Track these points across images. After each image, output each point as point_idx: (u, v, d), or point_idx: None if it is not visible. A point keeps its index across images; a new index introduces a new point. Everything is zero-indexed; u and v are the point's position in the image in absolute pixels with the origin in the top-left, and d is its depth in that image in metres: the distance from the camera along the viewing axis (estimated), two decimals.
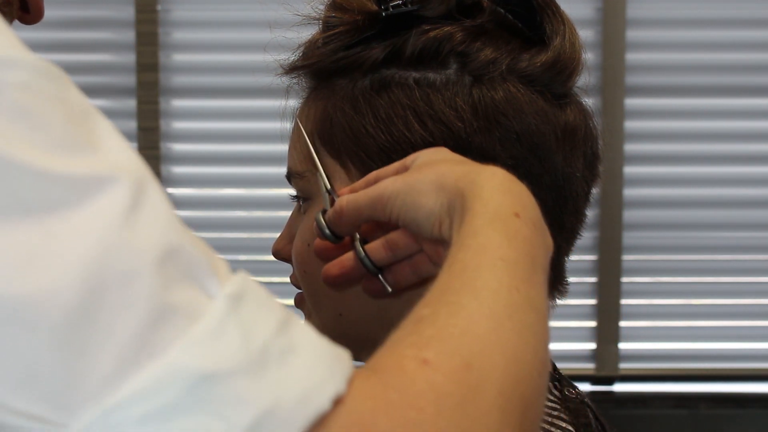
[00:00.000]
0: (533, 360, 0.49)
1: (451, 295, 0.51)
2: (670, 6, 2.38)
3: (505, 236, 0.54)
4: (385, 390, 0.44)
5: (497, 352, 0.48)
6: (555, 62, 0.73)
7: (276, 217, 2.34)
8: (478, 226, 0.55)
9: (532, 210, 0.57)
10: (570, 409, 0.73)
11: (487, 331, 0.48)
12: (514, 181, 0.59)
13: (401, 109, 0.71)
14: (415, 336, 0.48)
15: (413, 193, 0.60)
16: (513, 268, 0.53)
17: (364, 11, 0.73)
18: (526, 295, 0.52)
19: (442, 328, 0.48)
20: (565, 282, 0.77)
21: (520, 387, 0.47)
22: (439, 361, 0.46)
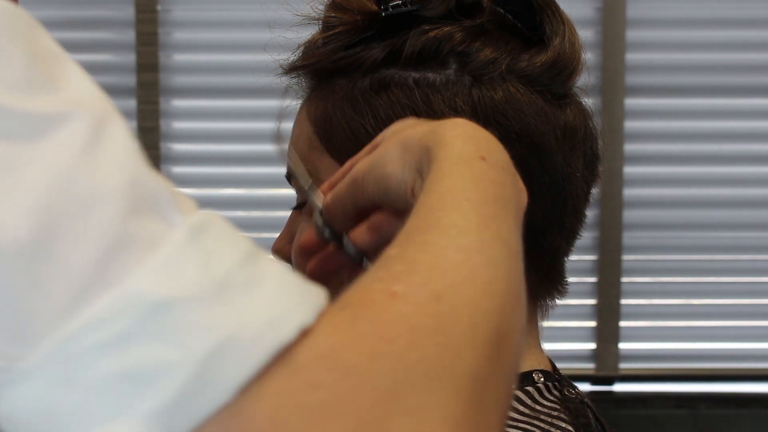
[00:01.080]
0: (505, 293, 0.48)
1: (419, 234, 0.50)
2: (670, 6, 2.38)
3: (471, 179, 0.53)
4: (354, 322, 0.43)
5: (468, 284, 0.47)
6: (555, 62, 0.73)
7: (276, 217, 2.33)
8: (443, 171, 0.54)
9: (499, 154, 0.57)
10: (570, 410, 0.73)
11: (456, 264, 0.47)
12: (478, 128, 0.58)
13: (401, 109, 0.71)
14: (383, 271, 0.47)
15: (380, 165, 0.59)
16: (480, 207, 0.52)
17: (364, 11, 0.73)
18: (495, 231, 0.51)
19: (410, 263, 0.47)
20: (565, 282, 0.77)
21: (493, 319, 0.46)
22: (409, 293, 0.45)
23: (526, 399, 0.72)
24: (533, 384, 0.73)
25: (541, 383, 0.74)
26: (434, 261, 0.47)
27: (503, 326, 0.47)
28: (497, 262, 0.49)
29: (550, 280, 0.76)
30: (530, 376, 0.74)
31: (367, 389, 0.41)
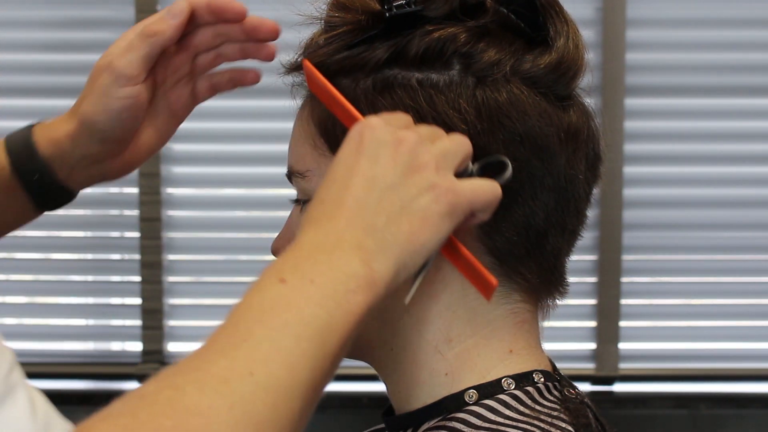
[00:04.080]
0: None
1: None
2: (670, 6, 2.38)
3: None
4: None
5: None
6: (558, 63, 0.73)
7: (276, 217, 2.33)
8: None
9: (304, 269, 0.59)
10: (570, 410, 0.73)
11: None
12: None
13: (404, 110, 0.71)
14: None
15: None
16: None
17: (368, 11, 0.73)
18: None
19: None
20: (566, 282, 0.77)
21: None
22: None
23: (526, 399, 0.72)
24: (533, 384, 0.73)
25: (542, 383, 0.74)
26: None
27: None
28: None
29: (551, 281, 0.76)
30: (530, 376, 0.74)
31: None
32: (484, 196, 0.65)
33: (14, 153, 0.83)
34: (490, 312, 0.74)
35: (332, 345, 0.57)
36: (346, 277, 0.58)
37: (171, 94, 0.83)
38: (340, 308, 0.57)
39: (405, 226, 0.61)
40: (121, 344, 2.52)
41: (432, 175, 0.63)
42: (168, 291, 2.44)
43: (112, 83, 0.79)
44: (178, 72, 0.82)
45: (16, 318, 2.50)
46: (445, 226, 0.63)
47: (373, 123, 0.64)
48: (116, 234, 2.46)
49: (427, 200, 0.62)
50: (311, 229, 0.61)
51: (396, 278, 0.61)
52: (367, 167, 0.62)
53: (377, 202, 0.61)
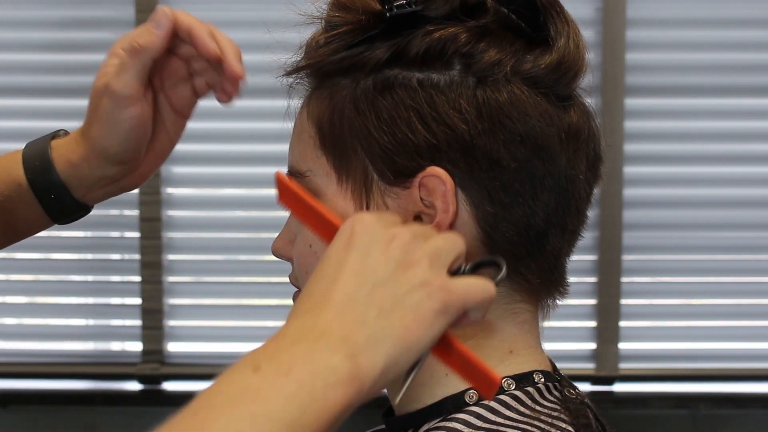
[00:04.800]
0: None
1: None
2: (670, 6, 2.38)
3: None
4: None
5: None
6: (559, 64, 0.73)
7: (276, 217, 2.33)
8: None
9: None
10: (570, 410, 0.73)
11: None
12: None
13: (404, 110, 0.70)
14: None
15: None
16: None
17: (368, 11, 0.73)
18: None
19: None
20: (566, 282, 0.77)
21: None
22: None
23: (527, 399, 0.72)
24: (534, 384, 0.73)
25: (542, 384, 0.74)
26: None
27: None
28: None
29: (551, 281, 0.76)
30: (531, 376, 0.74)
31: None
32: (478, 295, 0.62)
33: (31, 170, 0.83)
34: (490, 312, 0.74)
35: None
36: (326, 371, 0.55)
37: (172, 95, 0.83)
38: (315, 403, 0.54)
39: (397, 321, 0.58)
40: (121, 344, 2.52)
41: (425, 272, 0.60)
42: (168, 291, 2.44)
43: (114, 107, 0.79)
44: (175, 74, 0.83)
45: (16, 318, 2.50)
46: (438, 323, 0.60)
47: (364, 218, 0.62)
48: (116, 234, 2.46)
49: (419, 297, 0.59)
50: (297, 320, 0.59)
51: (384, 375, 0.58)
52: (357, 262, 0.60)
53: (368, 296, 0.59)
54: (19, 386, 2.47)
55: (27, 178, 0.83)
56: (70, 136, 0.84)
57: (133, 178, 0.85)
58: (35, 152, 0.84)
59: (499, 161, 0.70)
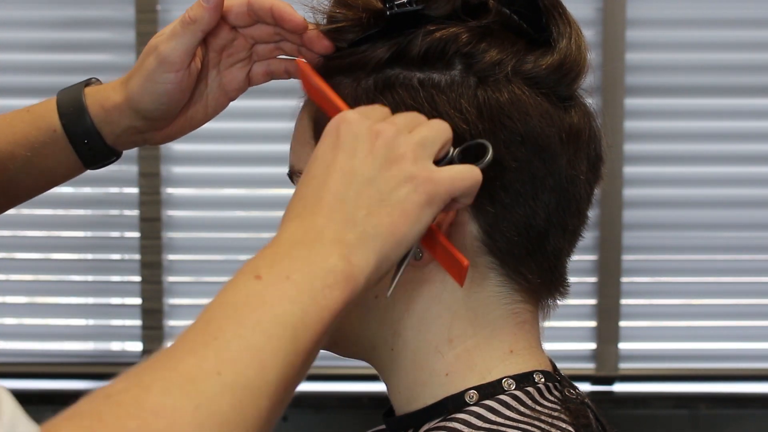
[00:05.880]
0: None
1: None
2: (670, 6, 2.38)
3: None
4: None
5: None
6: (561, 65, 0.73)
7: (276, 217, 2.32)
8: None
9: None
10: (570, 410, 0.73)
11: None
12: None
13: (405, 109, 0.70)
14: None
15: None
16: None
17: (369, 9, 0.73)
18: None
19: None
20: (566, 283, 0.77)
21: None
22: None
23: (527, 399, 0.72)
24: (534, 384, 0.73)
25: (542, 384, 0.74)
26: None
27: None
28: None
29: (552, 281, 0.76)
30: (531, 376, 0.74)
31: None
32: (463, 182, 0.64)
33: (65, 116, 0.85)
34: (490, 312, 0.74)
35: (305, 342, 0.57)
36: (323, 273, 0.58)
37: (226, 74, 0.84)
38: (315, 304, 0.57)
39: (385, 218, 0.61)
40: (121, 344, 2.52)
41: (410, 166, 0.62)
42: (168, 291, 2.44)
43: (156, 67, 0.80)
44: (235, 56, 0.84)
45: (16, 318, 2.50)
46: (425, 215, 0.62)
47: (349, 117, 0.64)
48: (116, 234, 2.46)
49: (405, 191, 0.62)
50: (290, 225, 0.61)
51: (377, 271, 0.61)
52: (344, 162, 0.62)
53: (356, 196, 0.61)
54: (19, 386, 2.47)
55: (61, 123, 0.85)
56: (108, 84, 0.86)
57: (159, 135, 0.87)
58: (69, 99, 0.86)
59: (499, 161, 0.70)
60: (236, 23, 0.80)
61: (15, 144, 0.86)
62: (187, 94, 0.83)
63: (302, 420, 2.38)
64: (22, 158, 0.86)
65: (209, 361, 0.54)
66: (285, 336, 0.56)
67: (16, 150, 0.86)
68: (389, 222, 0.61)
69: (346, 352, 0.78)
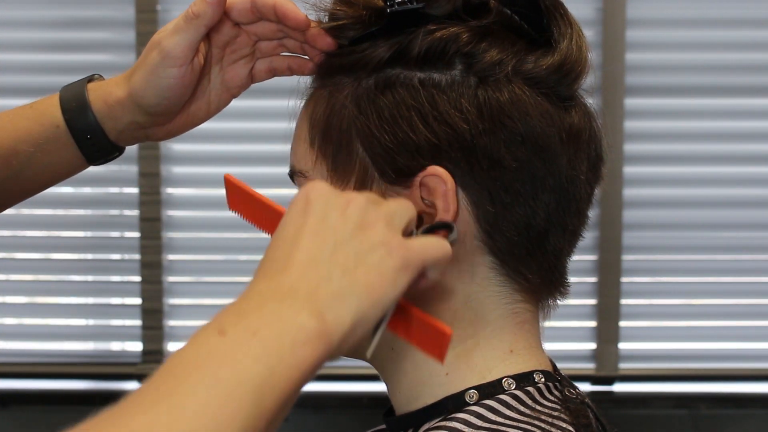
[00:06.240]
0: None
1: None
2: (670, 6, 2.38)
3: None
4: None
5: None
6: (561, 65, 0.73)
7: None
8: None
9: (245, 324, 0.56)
10: (570, 410, 0.73)
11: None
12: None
13: (406, 109, 0.71)
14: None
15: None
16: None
17: (370, 6, 0.73)
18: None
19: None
20: (567, 283, 0.77)
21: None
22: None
23: (527, 399, 0.72)
24: (534, 384, 0.73)
25: (542, 383, 0.74)
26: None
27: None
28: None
29: (552, 281, 0.76)
30: (531, 376, 0.74)
31: None
32: (435, 251, 0.62)
33: (68, 111, 0.86)
34: (491, 312, 0.74)
35: (270, 403, 0.53)
36: (294, 329, 0.55)
37: (229, 70, 0.85)
38: (282, 362, 0.54)
39: (362, 277, 0.59)
40: (121, 344, 2.52)
41: (383, 232, 0.61)
42: (168, 291, 2.44)
43: (159, 62, 0.80)
44: (238, 52, 0.84)
45: (16, 318, 2.50)
46: (400, 280, 0.60)
47: (318, 185, 0.63)
48: (116, 234, 2.46)
49: (381, 254, 0.60)
50: (260, 283, 0.59)
51: (353, 331, 0.58)
52: (316, 224, 0.60)
53: (331, 255, 0.59)
54: (19, 386, 2.47)
55: (64, 119, 0.86)
56: (111, 79, 0.86)
57: (161, 130, 0.87)
58: (72, 94, 0.87)
59: (499, 161, 0.70)
60: (239, 20, 0.81)
61: (18, 140, 0.86)
62: (190, 90, 0.83)
63: (302, 420, 2.38)
64: (25, 154, 0.86)
65: (162, 419, 0.50)
66: (247, 397, 0.52)
67: (19, 146, 0.86)
68: (365, 282, 0.59)
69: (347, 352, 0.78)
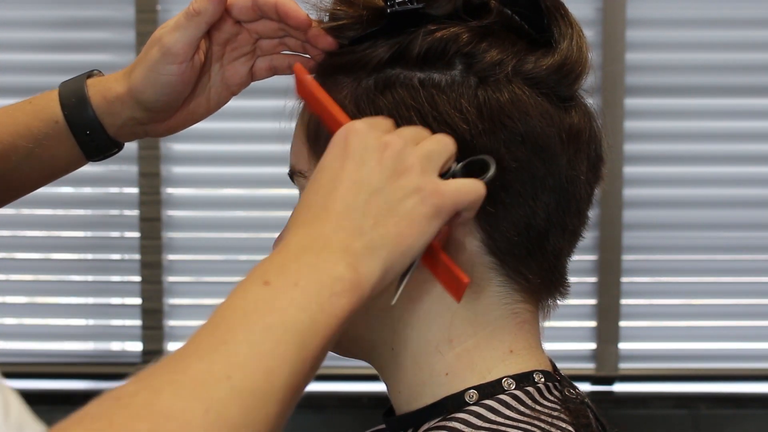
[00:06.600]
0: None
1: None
2: (670, 6, 2.38)
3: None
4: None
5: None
6: (561, 65, 0.73)
7: (276, 217, 2.33)
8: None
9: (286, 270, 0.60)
10: (570, 410, 0.73)
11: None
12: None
13: (405, 109, 0.71)
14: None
15: None
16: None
17: (370, 6, 0.73)
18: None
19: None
20: (567, 283, 0.77)
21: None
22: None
23: (527, 399, 0.72)
24: (534, 384, 0.73)
25: (542, 383, 0.74)
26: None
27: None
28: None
29: (552, 281, 0.76)
30: (531, 376, 0.74)
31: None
32: (468, 195, 0.65)
33: (67, 107, 0.85)
34: (490, 312, 0.74)
35: (313, 348, 0.57)
36: (331, 281, 0.59)
37: (229, 68, 0.85)
38: (323, 312, 0.58)
39: (392, 228, 0.62)
40: (121, 344, 2.52)
41: (417, 178, 0.64)
42: (168, 291, 2.44)
43: (160, 59, 0.80)
44: (238, 50, 0.84)
45: (16, 318, 2.50)
46: (431, 227, 0.63)
47: (357, 127, 0.65)
48: (116, 234, 2.46)
49: (413, 203, 0.63)
50: (299, 231, 0.62)
51: (383, 280, 0.62)
52: (353, 171, 0.63)
53: (364, 205, 0.62)
54: (19, 386, 2.46)
55: (63, 114, 0.85)
56: (111, 75, 0.86)
57: (160, 127, 0.87)
58: (71, 90, 0.86)
59: (499, 161, 0.70)
60: (240, 17, 0.81)
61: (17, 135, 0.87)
62: (190, 87, 0.83)
63: (302, 420, 2.38)
64: (24, 149, 0.86)
65: (218, 365, 0.54)
66: (293, 342, 0.56)
67: (18, 141, 0.86)
68: (396, 232, 0.62)
69: (346, 351, 0.78)
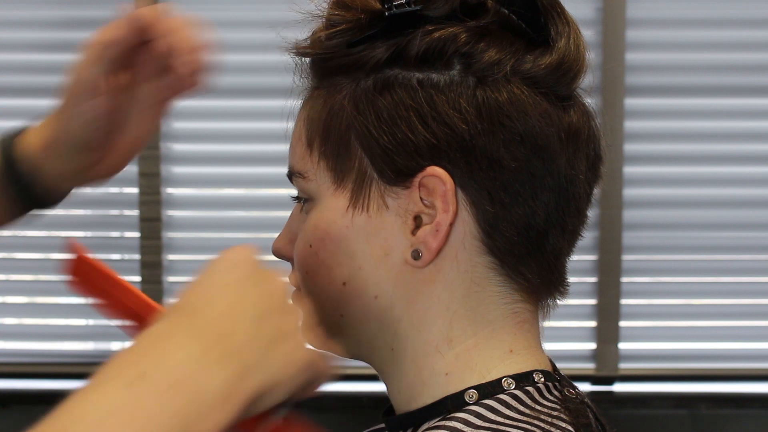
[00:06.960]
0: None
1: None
2: (670, 6, 2.38)
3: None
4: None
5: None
6: (559, 64, 0.73)
7: (276, 217, 2.33)
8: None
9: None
10: (570, 410, 0.73)
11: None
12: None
13: (404, 110, 0.71)
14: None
15: None
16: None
17: (368, 10, 0.73)
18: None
19: None
20: (566, 282, 0.77)
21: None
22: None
23: (527, 399, 0.72)
24: (533, 384, 0.73)
25: (542, 383, 0.74)
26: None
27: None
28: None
29: (551, 281, 0.76)
30: (530, 376, 0.74)
31: None
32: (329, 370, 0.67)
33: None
34: (490, 312, 0.74)
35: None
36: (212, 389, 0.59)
37: (145, 89, 0.85)
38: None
39: (281, 353, 0.63)
40: (120, 344, 2.52)
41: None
42: (168, 291, 2.44)
43: (79, 95, 0.81)
44: (148, 69, 0.84)
45: (16, 318, 2.50)
46: (305, 372, 0.65)
47: (241, 252, 0.67)
48: (116, 234, 2.46)
49: (302, 339, 0.65)
50: (180, 317, 0.65)
51: (254, 402, 0.61)
52: (254, 291, 0.64)
53: (267, 322, 0.63)
54: (19, 386, 2.47)
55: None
56: (32, 128, 0.86)
57: (99, 169, 0.86)
58: (3, 145, 0.86)
59: (499, 161, 0.70)
60: (134, 42, 0.81)
61: None
62: (116, 118, 0.83)
63: None
64: None
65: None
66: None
67: None
68: (283, 359, 0.63)
69: (346, 352, 0.78)
